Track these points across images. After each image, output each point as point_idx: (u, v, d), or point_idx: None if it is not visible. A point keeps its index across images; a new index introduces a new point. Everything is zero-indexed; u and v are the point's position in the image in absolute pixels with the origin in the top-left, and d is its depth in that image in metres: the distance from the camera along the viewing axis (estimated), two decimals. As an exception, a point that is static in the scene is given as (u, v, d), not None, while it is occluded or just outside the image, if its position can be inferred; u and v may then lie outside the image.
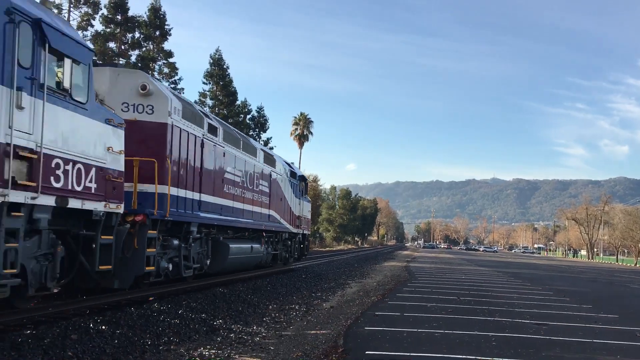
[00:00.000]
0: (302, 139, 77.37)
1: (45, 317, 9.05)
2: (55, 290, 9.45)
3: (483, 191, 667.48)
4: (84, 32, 42.18)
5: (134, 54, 44.77)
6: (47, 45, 8.21)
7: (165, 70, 47.01)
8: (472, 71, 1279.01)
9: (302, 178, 26.73)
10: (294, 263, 26.14)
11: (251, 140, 21.08)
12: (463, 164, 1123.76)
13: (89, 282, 10.49)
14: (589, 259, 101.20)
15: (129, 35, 44.98)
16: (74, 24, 41.51)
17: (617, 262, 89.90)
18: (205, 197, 14.65)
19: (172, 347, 8.14)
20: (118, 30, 43.73)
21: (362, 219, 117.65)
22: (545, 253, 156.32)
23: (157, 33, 45.72)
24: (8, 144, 7.39)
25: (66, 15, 41.09)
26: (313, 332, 9.92)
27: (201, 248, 15.06)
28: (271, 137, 60.96)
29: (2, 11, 7.41)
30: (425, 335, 9.75)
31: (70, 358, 6.99)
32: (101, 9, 42.65)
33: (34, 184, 7.85)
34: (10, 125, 7.46)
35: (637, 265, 75.57)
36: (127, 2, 43.38)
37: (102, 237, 9.84)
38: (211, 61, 54.38)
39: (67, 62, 8.69)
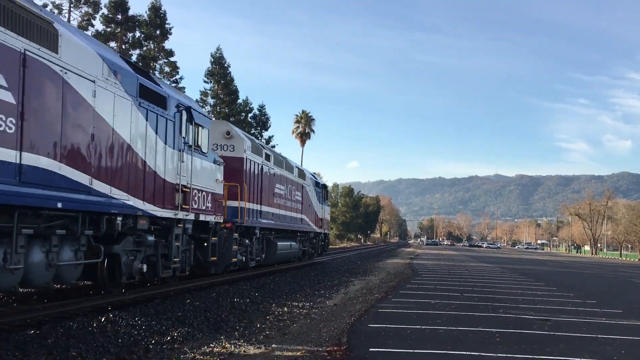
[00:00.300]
0: (304, 136, 77.38)
1: (49, 317, 9.06)
2: (187, 273, 14.05)
3: (486, 187, 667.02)
4: (85, 32, 42.25)
5: (134, 54, 44.79)
6: (192, 121, 13.42)
7: (166, 69, 47.05)
8: (474, 68, 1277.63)
9: (324, 186, 32.38)
10: (316, 258, 31.08)
11: (289, 159, 25.81)
12: (465, 161, 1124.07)
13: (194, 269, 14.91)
14: (592, 254, 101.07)
15: (130, 35, 45.01)
16: (74, 23, 41.52)
17: (620, 257, 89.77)
18: (264, 208, 19.97)
19: (175, 345, 8.14)
20: (119, 29, 43.74)
21: (365, 217, 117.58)
22: (549, 249, 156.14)
23: (158, 32, 45.75)
24: (177, 184, 12.60)
25: (66, 15, 41.12)
26: (317, 329, 9.91)
27: (259, 245, 20.08)
28: (273, 136, 60.98)
29: (174, 105, 12.61)
30: (429, 332, 9.73)
31: (74, 358, 6.99)
32: (101, 9, 42.72)
33: (187, 207, 12.98)
34: (178, 173, 12.66)
35: (641, 260, 75.42)
36: (128, 2, 43.42)
37: (212, 238, 14.93)
38: (212, 60, 54.39)
39: (200, 129, 13.91)
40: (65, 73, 8.76)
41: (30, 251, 8.38)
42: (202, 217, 13.88)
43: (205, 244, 14.63)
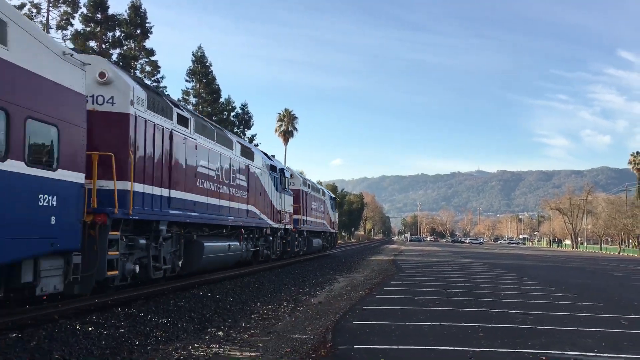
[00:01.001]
0: (286, 135, 77.36)
1: (31, 320, 8.97)
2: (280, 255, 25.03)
3: (468, 183, 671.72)
4: (64, 32, 41.69)
5: (115, 53, 44.36)
6: (284, 176, 26.08)
7: (147, 68, 46.70)
8: (457, 64, 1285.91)
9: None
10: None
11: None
12: (448, 157, 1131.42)
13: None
14: (573, 248, 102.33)
15: (110, 34, 44.56)
16: (53, 23, 41.01)
17: (600, 250, 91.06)
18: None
19: (160, 346, 8.10)
20: (98, 29, 43.28)
21: (349, 214, 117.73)
22: (530, 243, 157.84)
23: (138, 31, 45.39)
24: (281, 210, 25.04)
25: (45, 15, 40.59)
26: (302, 327, 9.93)
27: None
28: (256, 134, 60.96)
29: (278, 170, 25.10)
30: (413, 328, 9.80)
31: (57, 360, 6.93)
32: (80, 8, 42.20)
33: (281, 221, 25.00)
34: (280, 205, 25.08)
35: (621, 254, 76.57)
36: (107, 1, 42.95)
37: (288, 237, 27.49)
38: (193, 59, 54.10)
39: (286, 179, 26.53)
40: (255, 170, 21.16)
41: (248, 243, 20.43)
42: (288, 227, 26.62)
43: (284, 241, 26.77)
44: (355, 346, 8.21)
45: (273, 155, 27.08)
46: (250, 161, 20.76)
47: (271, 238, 24.09)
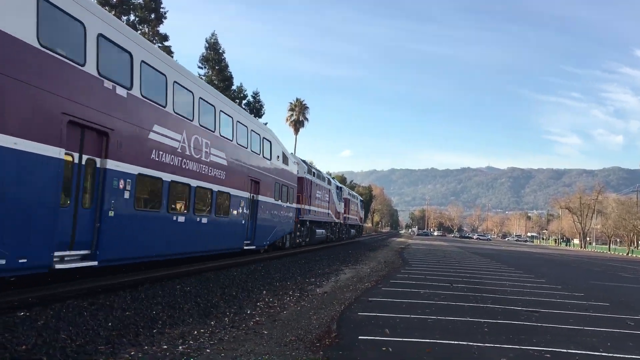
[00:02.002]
0: (297, 124, 77.24)
1: (39, 300, 9.06)
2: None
3: (478, 179, 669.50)
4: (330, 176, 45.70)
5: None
6: (341, 190, 47.81)
7: (161, 53, 46.65)
8: (468, 58, 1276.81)
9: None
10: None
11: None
12: (458, 152, 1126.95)
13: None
14: (581, 247, 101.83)
15: (124, 18, 44.57)
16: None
17: (609, 251, 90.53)
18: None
19: (165, 330, 8.16)
20: (113, 12, 43.28)
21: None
22: (538, 242, 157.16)
23: (153, 16, 45.35)
24: (339, 212, 46.08)
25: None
26: (307, 317, 9.96)
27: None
28: (267, 123, 60.72)
29: (335, 186, 44.16)
30: (418, 321, 9.81)
31: (64, 340, 7.00)
32: (96, -9, 42.17)
33: (341, 218, 48.83)
34: (339, 208, 46.17)
35: (629, 255, 76.11)
36: (123, -16, 42.90)
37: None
38: (207, 45, 54.01)
39: (341, 191, 47.82)
40: (327, 190, 39.10)
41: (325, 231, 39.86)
42: (349, 222, 53.74)
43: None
44: (359, 337, 8.23)
45: (334, 177, 48.77)
46: (330, 186, 40.71)
47: (335, 228, 44.83)
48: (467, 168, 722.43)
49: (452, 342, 8.22)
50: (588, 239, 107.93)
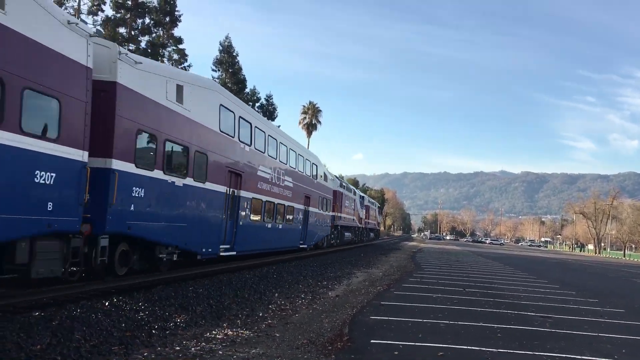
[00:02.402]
0: (310, 127, 77.27)
1: (54, 300, 9.14)
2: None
3: (491, 184, 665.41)
4: (95, 17, 42.14)
5: (143, 40, 44.75)
6: (364, 199, 57.88)
7: (175, 56, 46.97)
8: (482, 62, 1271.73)
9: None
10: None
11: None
12: (472, 156, 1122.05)
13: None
14: (595, 253, 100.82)
15: (139, 21, 44.93)
16: (84, 8, 41.49)
17: (624, 257, 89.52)
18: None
19: (178, 331, 8.20)
20: (128, 15, 43.67)
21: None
22: (552, 247, 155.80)
23: (167, 19, 45.65)
24: (361, 218, 54.82)
25: (76, 0, 41.06)
26: (318, 320, 9.96)
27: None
28: (280, 126, 60.88)
29: (359, 196, 53.99)
30: (430, 326, 9.77)
31: (78, 340, 7.06)
32: (112, -6, 42.57)
33: (363, 223, 57.75)
34: (361, 214, 54.92)
35: (645, 261, 75.16)
36: (138, -12, 43.23)
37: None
38: (221, 48, 54.27)
39: (363, 198, 57.37)
40: (353, 199, 47.66)
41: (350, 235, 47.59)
42: (369, 226, 62.40)
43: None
44: (372, 341, 8.21)
45: (358, 188, 52.74)
46: (355, 196, 48.83)
47: (358, 232, 52.58)
48: (480, 172, 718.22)
49: (465, 347, 8.18)
50: (603, 244, 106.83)
